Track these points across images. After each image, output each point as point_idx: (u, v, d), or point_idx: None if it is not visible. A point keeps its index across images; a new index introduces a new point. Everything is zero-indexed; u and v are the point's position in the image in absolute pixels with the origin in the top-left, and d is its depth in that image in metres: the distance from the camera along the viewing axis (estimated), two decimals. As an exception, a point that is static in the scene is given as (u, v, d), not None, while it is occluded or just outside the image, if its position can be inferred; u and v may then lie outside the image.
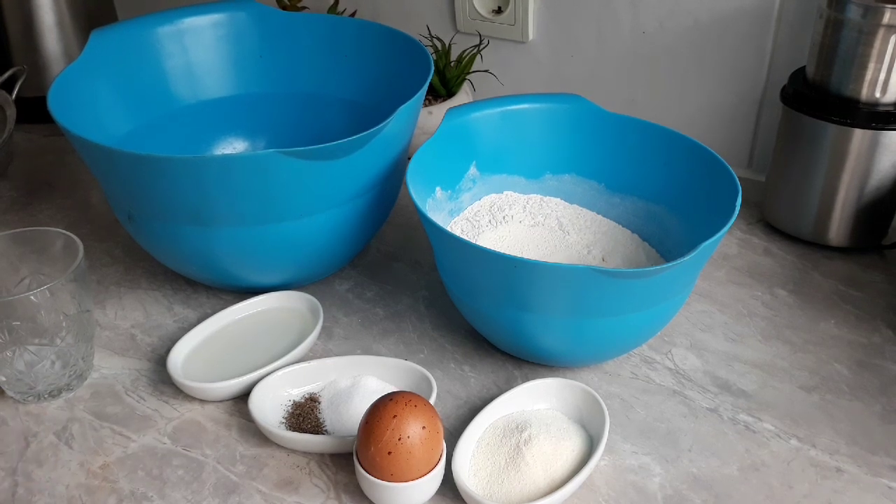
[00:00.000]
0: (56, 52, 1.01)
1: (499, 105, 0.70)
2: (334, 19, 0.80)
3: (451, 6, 0.95)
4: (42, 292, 0.57)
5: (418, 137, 0.82)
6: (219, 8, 0.80)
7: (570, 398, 0.58)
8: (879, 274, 0.72)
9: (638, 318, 0.56)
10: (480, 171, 0.71)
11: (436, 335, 0.67)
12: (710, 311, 0.69)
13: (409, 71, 0.72)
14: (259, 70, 0.81)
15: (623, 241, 0.70)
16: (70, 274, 0.58)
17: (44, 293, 0.57)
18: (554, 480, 0.52)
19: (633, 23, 0.86)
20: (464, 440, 0.54)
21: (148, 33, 0.77)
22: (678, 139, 0.66)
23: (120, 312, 0.71)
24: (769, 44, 0.80)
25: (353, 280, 0.74)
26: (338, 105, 0.81)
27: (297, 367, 0.61)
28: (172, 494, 0.54)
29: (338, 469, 0.55)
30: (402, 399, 0.50)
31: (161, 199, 0.61)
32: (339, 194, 0.63)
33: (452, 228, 0.69)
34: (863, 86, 0.68)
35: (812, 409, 0.59)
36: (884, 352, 0.64)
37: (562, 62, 0.92)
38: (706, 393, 0.61)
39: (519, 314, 0.56)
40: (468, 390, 0.62)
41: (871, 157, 0.69)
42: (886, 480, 0.54)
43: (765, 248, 0.76)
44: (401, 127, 0.64)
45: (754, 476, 0.54)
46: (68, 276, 0.58)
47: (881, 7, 0.65)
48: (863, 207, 0.72)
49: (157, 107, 0.77)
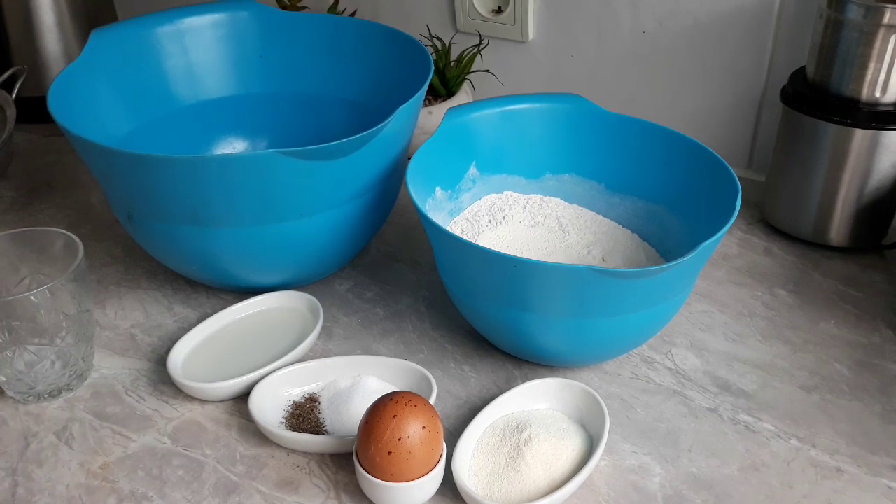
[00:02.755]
0: (56, 52, 1.01)
1: (499, 105, 0.70)
2: (334, 19, 0.80)
3: (451, 6, 0.95)
4: (42, 292, 0.57)
5: (418, 137, 0.82)
6: (219, 8, 0.80)
7: (570, 398, 0.58)
8: (879, 274, 0.72)
9: (638, 318, 0.56)
10: (480, 171, 0.71)
11: (436, 335, 0.67)
12: (710, 311, 0.69)
13: (409, 71, 0.72)
14: (259, 70, 0.81)
15: (623, 241, 0.70)
16: (70, 274, 0.58)
17: (44, 293, 0.57)
18: (554, 480, 0.52)
19: (633, 23, 0.86)
20: (464, 440, 0.54)
21: (148, 33, 0.77)
22: (678, 139, 0.66)
23: (120, 312, 0.71)
24: (769, 44, 0.80)
25: (353, 280, 0.74)
26: (338, 105, 0.81)
27: (297, 367, 0.61)
28: (172, 494, 0.54)
29: (338, 469, 0.55)
30: (402, 399, 0.50)
31: (160, 199, 0.61)
32: (339, 194, 0.63)
33: (452, 228, 0.69)
34: (863, 86, 0.68)
35: (812, 409, 0.59)
36: (884, 352, 0.64)
37: (562, 62, 0.92)
38: (706, 393, 0.61)
39: (519, 314, 0.56)
40: (468, 390, 0.62)
41: (871, 157, 0.69)
42: (886, 480, 0.54)
43: (765, 248, 0.76)
44: (401, 127, 0.64)
45: (754, 476, 0.54)
46: (68, 276, 0.58)
47: (881, 7, 0.65)
48: (863, 207, 0.72)
49: (157, 107, 0.77)
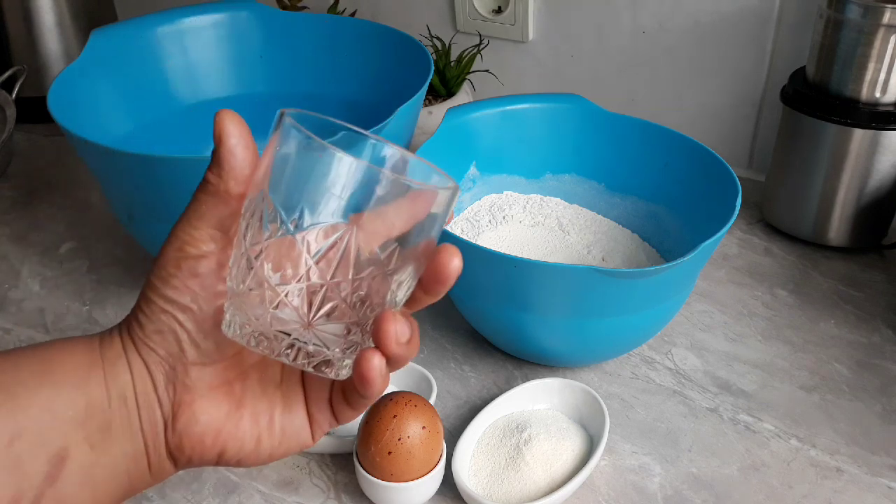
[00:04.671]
0: (56, 52, 1.01)
1: (499, 105, 0.70)
2: (334, 19, 0.80)
3: (451, 6, 0.95)
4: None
5: (418, 137, 0.82)
6: (219, 8, 0.80)
7: (570, 398, 0.58)
8: (879, 274, 0.72)
9: (638, 318, 0.56)
10: (480, 171, 0.71)
11: (436, 335, 0.67)
12: (710, 311, 0.69)
13: (409, 71, 0.72)
14: (259, 70, 0.81)
15: (623, 241, 0.70)
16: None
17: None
18: (554, 480, 0.52)
19: (632, 23, 0.86)
20: (464, 440, 0.54)
21: (148, 33, 0.77)
22: (678, 139, 0.66)
23: (120, 312, 0.71)
24: (769, 44, 0.80)
25: (353, 280, 0.73)
26: (338, 105, 0.81)
27: (297, 367, 0.60)
28: (172, 494, 0.54)
29: (338, 469, 0.55)
30: (402, 399, 0.50)
31: (161, 199, 0.61)
32: (339, 194, 0.63)
33: (452, 228, 0.69)
34: (863, 86, 0.68)
35: (812, 409, 0.59)
36: (884, 352, 0.64)
37: (562, 62, 0.92)
38: (706, 393, 0.61)
39: (519, 314, 0.56)
40: (468, 390, 0.62)
41: (870, 157, 0.69)
42: (886, 480, 0.54)
43: (765, 248, 0.76)
44: (401, 127, 0.64)
45: (754, 476, 0.54)
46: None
47: (881, 7, 0.65)
48: (863, 207, 0.72)
49: (157, 107, 0.77)
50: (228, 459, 0.35)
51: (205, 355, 0.34)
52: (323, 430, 0.37)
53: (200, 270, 0.33)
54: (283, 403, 0.36)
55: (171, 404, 0.34)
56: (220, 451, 0.35)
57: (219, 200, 0.33)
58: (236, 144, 0.32)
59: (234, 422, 0.35)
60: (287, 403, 0.36)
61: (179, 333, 0.33)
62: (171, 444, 0.35)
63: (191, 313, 0.33)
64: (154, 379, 0.34)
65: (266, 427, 0.36)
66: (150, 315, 0.33)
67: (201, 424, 0.34)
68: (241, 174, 0.32)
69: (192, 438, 0.34)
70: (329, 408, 0.36)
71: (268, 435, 0.36)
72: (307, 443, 0.37)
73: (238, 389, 0.35)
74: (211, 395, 0.34)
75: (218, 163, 0.32)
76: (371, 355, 0.32)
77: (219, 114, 0.32)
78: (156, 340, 0.33)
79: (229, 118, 0.32)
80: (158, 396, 0.34)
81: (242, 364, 0.35)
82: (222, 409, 0.35)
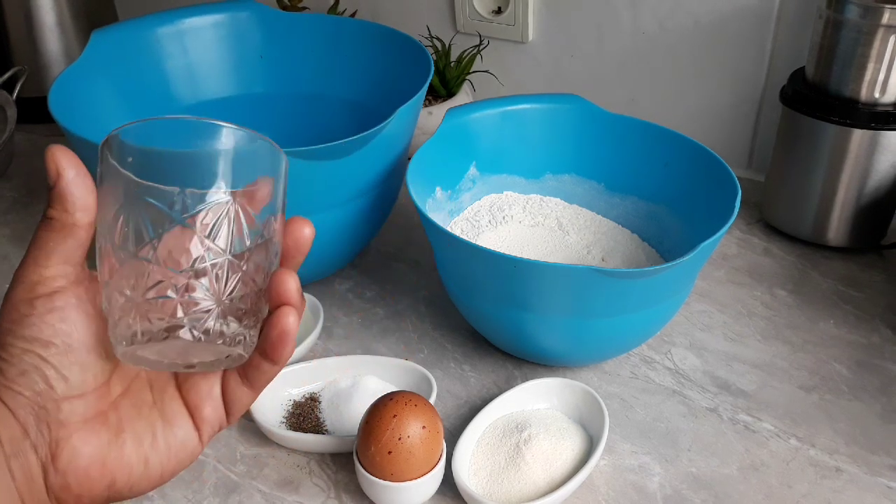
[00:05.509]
0: (56, 52, 1.01)
1: (499, 105, 0.71)
2: (334, 19, 0.80)
3: (451, 6, 0.95)
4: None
5: (418, 137, 0.82)
6: (219, 8, 0.80)
7: (570, 398, 0.58)
8: (879, 274, 0.72)
9: (638, 318, 0.56)
10: (480, 171, 0.71)
11: (436, 335, 0.67)
12: (710, 311, 0.69)
13: (409, 71, 0.72)
14: (259, 70, 0.82)
15: (623, 241, 0.70)
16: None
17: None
18: (554, 480, 0.52)
19: (632, 23, 0.86)
20: (464, 440, 0.54)
21: (148, 33, 0.77)
22: (678, 139, 0.66)
23: (120, 312, 0.71)
24: (769, 44, 0.80)
25: (353, 280, 0.74)
26: (338, 105, 0.81)
27: (298, 367, 0.61)
28: (173, 494, 0.54)
29: (338, 469, 0.56)
30: (403, 399, 0.50)
31: (161, 200, 0.61)
32: (339, 194, 0.63)
33: (452, 228, 0.69)
34: (862, 86, 0.68)
35: (811, 409, 0.59)
36: (883, 352, 0.64)
37: (562, 62, 0.92)
38: (706, 393, 0.61)
39: (519, 314, 0.56)
40: (468, 390, 0.62)
41: (870, 157, 0.69)
42: (886, 480, 0.54)
43: (764, 248, 0.76)
44: (401, 127, 0.64)
45: (754, 476, 0.54)
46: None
47: (881, 7, 0.65)
48: (862, 207, 0.72)
49: (157, 107, 0.77)
50: (120, 489, 0.35)
51: (74, 387, 0.33)
52: (214, 431, 0.37)
53: (56, 304, 0.33)
54: (162, 419, 0.36)
55: (47, 445, 0.33)
56: (110, 481, 0.34)
57: (66, 234, 0.32)
58: (75, 176, 0.32)
59: (117, 449, 0.34)
60: (166, 418, 0.36)
61: (45, 369, 0.33)
62: (56, 487, 0.33)
63: (53, 347, 0.32)
64: (23, 423, 0.33)
65: (150, 447, 0.35)
66: (10, 359, 0.33)
67: (85, 457, 0.33)
68: (86, 203, 0.32)
69: (77, 474, 0.33)
70: (221, 404, 0.36)
71: (154, 454, 0.35)
72: (196, 450, 0.36)
73: (113, 417, 0.35)
74: (88, 427, 0.34)
75: (61, 198, 0.32)
76: (286, 311, 0.33)
77: (49, 150, 0.32)
78: (21, 383, 0.33)
79: (60, 152, 0.32)
80: (32, 440, 0.33)
81: (110, 394, 0.35)
82: (103, 438, 0.34)
